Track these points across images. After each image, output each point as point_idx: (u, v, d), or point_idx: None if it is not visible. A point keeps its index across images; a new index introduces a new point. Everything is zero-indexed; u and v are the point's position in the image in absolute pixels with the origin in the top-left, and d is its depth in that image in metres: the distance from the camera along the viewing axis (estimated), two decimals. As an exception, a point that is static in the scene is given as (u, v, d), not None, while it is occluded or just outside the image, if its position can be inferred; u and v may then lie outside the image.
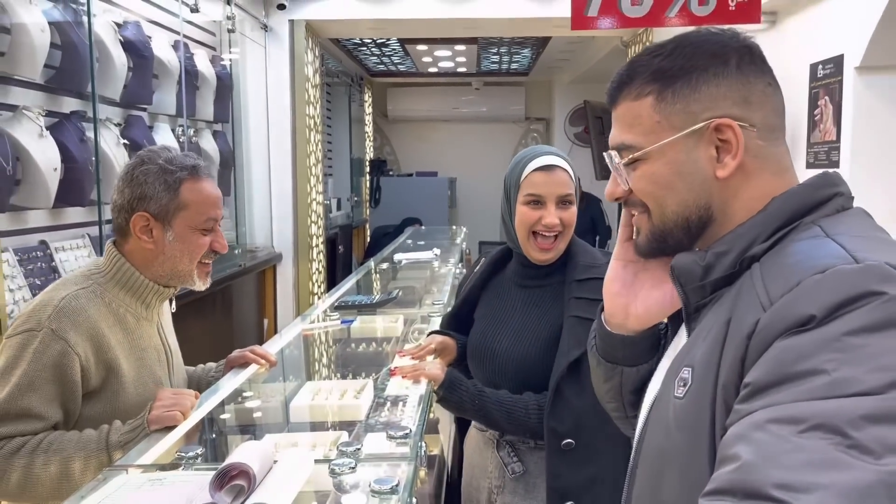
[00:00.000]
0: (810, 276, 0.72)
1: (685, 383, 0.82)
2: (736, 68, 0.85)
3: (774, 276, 0.77)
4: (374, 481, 1.06)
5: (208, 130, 4.25)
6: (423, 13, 4.62)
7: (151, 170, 1.50)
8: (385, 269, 3.97)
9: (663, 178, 0.87)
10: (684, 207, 0.87)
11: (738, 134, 0.83)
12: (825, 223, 0.81)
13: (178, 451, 1.24)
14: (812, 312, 0.69)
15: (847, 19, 3.44)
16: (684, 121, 0.85)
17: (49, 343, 1.40)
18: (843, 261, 0.73)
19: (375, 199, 8.56)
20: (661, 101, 0.86)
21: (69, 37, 2.72)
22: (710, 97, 0.85)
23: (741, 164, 0.84)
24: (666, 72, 0.86)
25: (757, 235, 0.83)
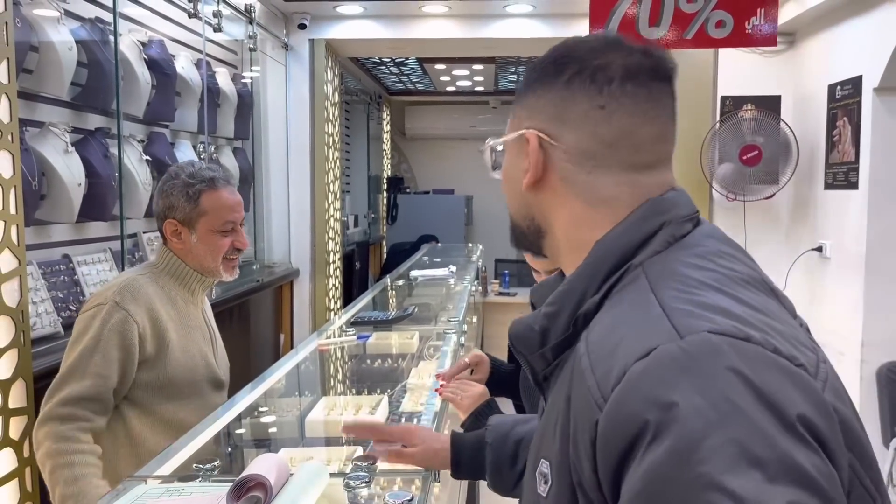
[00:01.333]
0: (634, 363, 0.65)
1: (546, 480, 0.77)
2: (565, 83, 0.80)
3: (601, 358, 0.69)
4: (389, 495, 1.07)
5: (229, 147, 4.31)
6: (441, 34, 4.67)
7: (177, 184, 1.81)
8: (401, 286, 3.98)
9: (504, 175, 0.89)
10: (514, 210, 0.88)
11: (535, 149, 0.81)
12: (651, 268, 0.74)
13: (195, 464, 1.26)
14: (645, 417, 0.62)
15: (865, 41, 3.44)
16: (514, 125, 0.86)
17: (113, 313, 1.69)
18: (666, 336, 0.66)
19: (392, 217, 8.60)
20: (516, 102, 0.87)
21: (95, 55, 2.78)
22: (532, 107, 0.83)
23: (546, 181, 0.81)
24: (523, 82, 0.86)
25: (586, 289, 0.76)
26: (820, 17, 3.79)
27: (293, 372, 2.20)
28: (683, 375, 0.62)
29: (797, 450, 0.59)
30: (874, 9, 3.34)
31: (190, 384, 1.82)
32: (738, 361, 0.63)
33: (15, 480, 1.95)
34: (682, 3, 2.62)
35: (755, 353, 0.64)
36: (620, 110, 0.78)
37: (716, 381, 0.61)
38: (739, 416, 0.60)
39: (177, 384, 1.79)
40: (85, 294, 2.72)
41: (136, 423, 1.75)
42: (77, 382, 1.65)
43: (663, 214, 0.77)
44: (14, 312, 1.96)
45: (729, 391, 0.61)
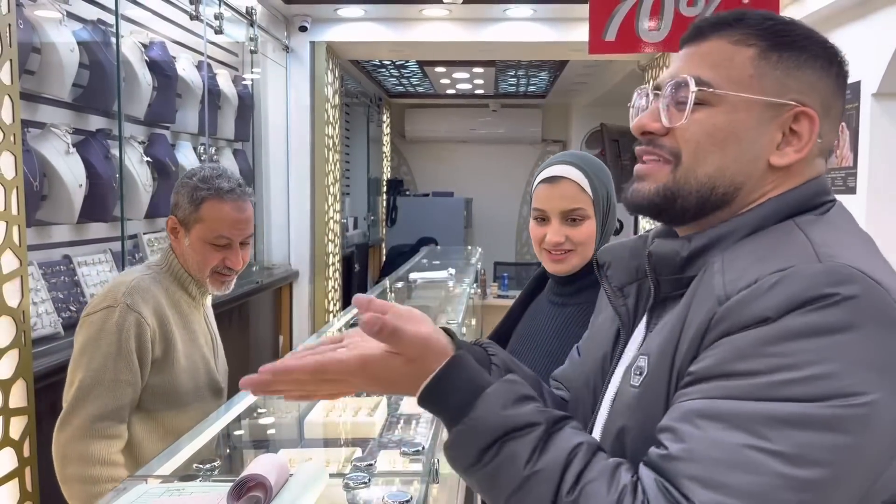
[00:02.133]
0: (769, 275, 0.70)
1: (641, 372, 0.80)
2: (836, 76, 0.82)
3: (735, 267, 0.74)
4: (388, 496, 1.08)
5: (229, 149, 4.32)
6: (441, 36, 4.69)
7: (188, 183, 1.77)
8: (400, 288, 3.99)
9: (721, 133, 0.80)
10: (720, 174, 0.80)
11: (815, 131, 0.79)
12: (805, 222, 0.78)
13: (195, 464, 1.27)
14: (767, 313, 0.68)
15: (864, 46, 3.45)
16: (775, 89, 0.79)
17: (126, 316, 1.64)
18: (806, 259, 0.71)
19: (392, 219, 8.62)
20: (763, 59, 0.80)
21: (97, 57, 2.79)
22: (808, 83, 0.80)
23: (794, 167, 0.81)
24: (781, 35, 0.81)
25: (745, 234, 0.79)
26: (819, 21, 3.80)
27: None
28: (813, 291, 0.68)
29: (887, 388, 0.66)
30: (873, 14, 3.35)
31: (192, 391, 1.78)
32: (867, 295, 0.68)
33: (15, 480, 1.96)
34: (682, 6, 2.63)
35: (882, 295, 0.69)
36: (844, 115, 0.88)
37: (840, 303, 0.67)
38: (854, 334, 0.67)
39: (180, 390, 1.75)
40: (85, 295, 2.73)
41: (138, 428, 1.70)
42: (109, 392, 1.61)
43: (828, 195, 0.83)
44: (15, 313, 1.96)
45: (850, 314, 0.67)
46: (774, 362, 0.67)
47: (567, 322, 1.54)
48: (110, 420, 1.61)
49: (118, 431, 1.62)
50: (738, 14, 0.85)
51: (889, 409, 0.67)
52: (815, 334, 0.67)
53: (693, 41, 0.85)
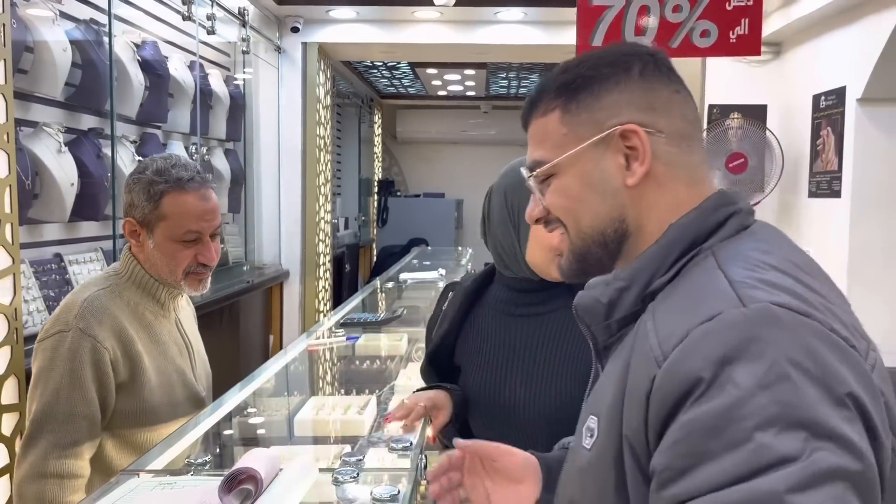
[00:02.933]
0: (698, 325, 0.70)
1: (592, 434, 0.81)
2: (639, 75, 0.84)
3: (666, 321, 0.74)
4: (376, 490, 1.10)
5: (220, 149, 4.33)
6: (433, 38, 4.71)
7: (142, 179, 1.58)
8: (391, 289, 4.01)
9: (575, 191, 0.85)
10: (599, 220, 0.84)
11: (644, 139, 0.81)
12: (720, 250, 0.78)
13: (186, 459, 1.29)
14: (700, 373, 0.67)
15: (849, 52, 3.50)
16: (590, 130, 0.83)
17: (79, 341, 1.48)
18: (730, 303, 0.70)
19: (383, 219, 8.63)
20: (567, 112, 0.85)
21: (89, 56, 2.80)
22: (613, 104, 0.83)
23: (652, 171, 0.82)
24: (569, 84, 0.85)
25: (657, 268, 0.80)
26: (805, 28, 3.86)
27: (282, 372, 2.22)
28: (742, 339, 0.67)
29: (843, 422, 0.64)
30: (858, 21, 3.40)
31: (168, 408, 1.63)
32: (796, 333, 0.67)
33: (6, 476, 1.97)
34: (667, 12, 2.67)
35: (813, 327, 0.68)
36: (686, 93, 0.86)
37: (772, 348, 0.66)
38: (790, 383, 0.64)
39: (154, 410, 1.59)
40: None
41: (114, 454, 1.57)
42: (62, 427, 1.47)
43: (732, 205, 0.82)
44: (7, 310, 1.98)
45: (783, 359, 0.65)
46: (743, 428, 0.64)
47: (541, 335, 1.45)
48: (65, 457, 1.47)
49: (74, 469, 1.48)
50: (537, 88, 0.90)
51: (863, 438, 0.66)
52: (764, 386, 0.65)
53: (525, 128, 0.92)
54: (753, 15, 2.64)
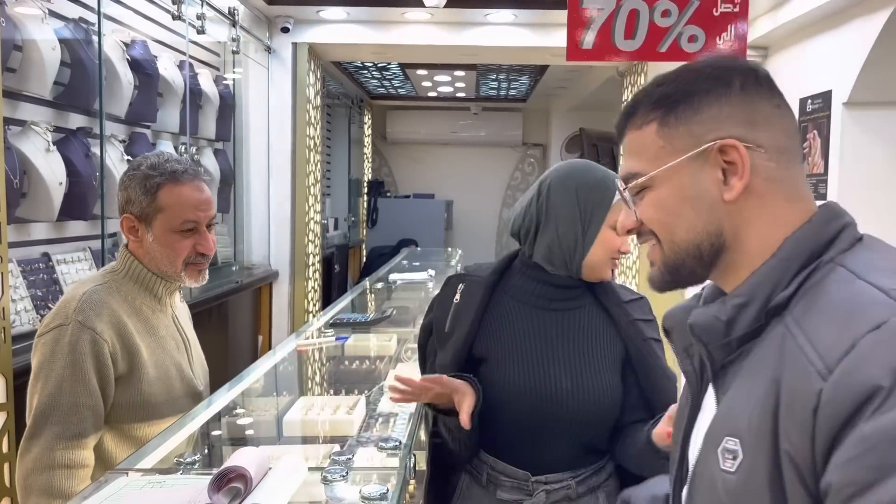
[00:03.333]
0: (866, 335, 0.68)
1: (734, 456, 0.77)
2: (740, 89, 0.84)
3: (820, 332, 0.73)
4: (364, 489, 1.11)
5: (210, 148, 4.32)
6: (423, 40, 4.72)
7: (136, 175, 1.62)
8: (380, 289, 4.02)
9: (670, 204, 0.85)
10: (694, 234, 0.84)
11: (744, 154, 0.81)
12: (847, 261, 0.78)
13: (175, 458, 1.29)
14: (880, 383, 0.65)
15: (835, 56, 3.54)
16: (688, 144, 0.84)
17: (79, 334, 1.51)
18: (893, 311, 0.69)
19: (372, 220, 8.64)
20: (665, 125, 0.85)
21: (78, 55, 2.79)
22: (713, 119, 0.83)
23: (751, 186, 0.82)
24: (668, 97, 0.85)
25: (777, 282, 0.79)
26: (792, 32, 3.89)
27: (271, 372, 2.23)
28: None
29: None
30: (844, 25, 3.44)
31: (166, 401, 1.65)
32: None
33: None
34: (656, 17, 2.70)
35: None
36: (785, 107, 0.85)
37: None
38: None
39: (153, 403, 1.62)
40: (64, 292, 2.73)
41: (112, 447, 1.59)
42: (67, 418, 1.50)
43: (842, 217, 0.83)
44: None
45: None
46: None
47: (575, 327, 1.53)
48: (71, 447, 1.50)
49: (81, 459, 1.51)
50: (633, 100, 0.90)
51: None
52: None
53: (620, 140, 0.92)
54: (739, 21, 2.68)
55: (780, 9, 3.80)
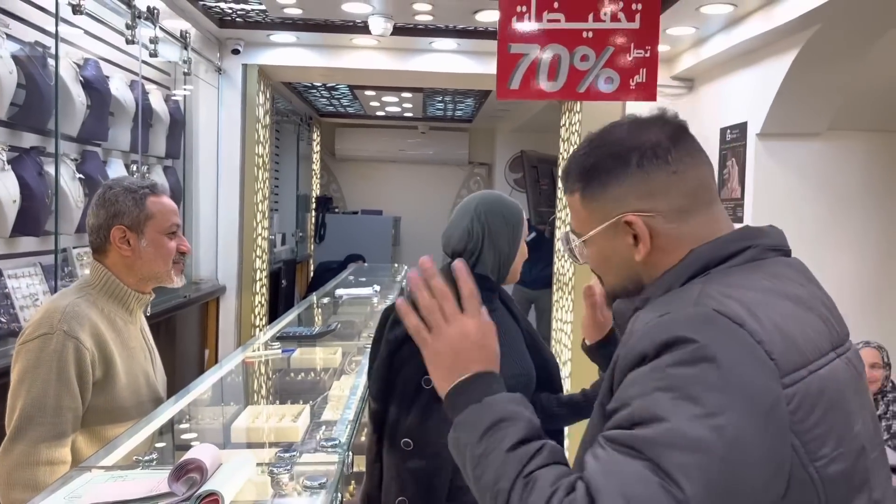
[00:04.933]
0: (657, 318, 0.89)
1: (602, 404, 0.97)
2: (636, 166, 0.98)
3: (641, 320, 0.93)
4: (306, 478, 1.26)
5: (160, 166, 4.39)
6: (371, 65, 4.89)
7: (119, 192, 1.81)
8: (326, 304, 4.13)
9: (599, 260, 1.04)
10: (620, 280, 1.03)
11: (642, 226, 0.97)
12: (720, 274, 0.93)
13: (135, 457, 1.42)
14: (646, 351, 0.86)
15: (751, 90, 3.84)
16: (601, 217, 1.01)
17: (65, 342, 1.66)
18: (686, 305, 0.88)
19: (320, 235, 8.71)
20: (584, 198, 1.02)
21: (33, 77, 2.87)
22: (615, 196, 0.99)
23: (655, 244, 0.98)
24: (585, 171, 1.02)
25: (672, 284, 0.97)
26: (713, 66, 4.20)
27: (218, 383, 2.32)
28: (678, 329, 0.85)
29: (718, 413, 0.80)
30: (758, 63, 3.74)
31: (134, 405, 1.81)
32: (721, 334, 0.84)
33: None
34: (576, 61, 2.96)
35: (740, 336, 0.84)
36: (686, 167, 0.99)
37: (694, 339, 0.83)
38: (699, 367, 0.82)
39: (123, 407, 1.77)
40: (15, 307, 2.80)
41: (83, 446, 1.71)
42: (52, 419, 1.63)
43: (750, 240, 0.97)
44: (-48, 323, 2.05)
45: (699, 351, 0.83)
46: (657, 387, 0.83)
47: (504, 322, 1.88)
48: (54, 446, 1.62)
49: (62, 456, 1.64)
50: (567, 163, 1.07)
51: (747, 425, 0.80)
52: (681, 364, 0.83)
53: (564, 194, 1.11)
54: (650, 65, 2.94)
55: (703, 45, 4.10)
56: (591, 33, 2.92)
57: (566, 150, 5.02)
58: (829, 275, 4.45)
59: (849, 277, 3.77)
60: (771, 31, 3.36)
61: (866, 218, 3.78)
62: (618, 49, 2.87)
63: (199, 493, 1.08)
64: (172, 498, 1.11)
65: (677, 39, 4.10)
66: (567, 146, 5.00)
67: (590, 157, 1.02)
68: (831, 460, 0.85)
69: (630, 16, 3.04)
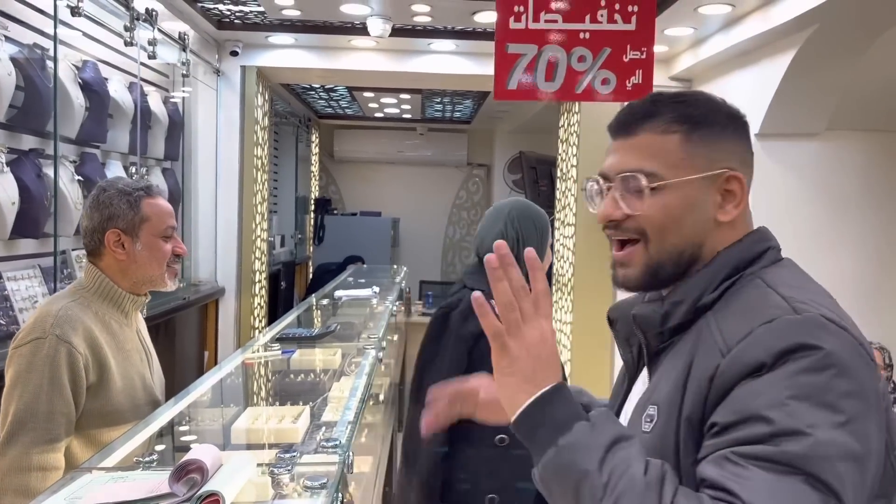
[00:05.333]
0: (760, 326, 0.86)
1: (651, 419, 0.93)
2: (742, 132, 1.02)
3: (729, 324, 0.90)
4: (307, 478, 1.26)
5: (158, 168, 4.40)
6: (369, 66, 4.90)
7: (113, 194, 1.79)
8: (326, 305, 4.13)
9: (676, 211, 0.96)
10: (682, 241, 0.97)
11: (745, 187, 0.99)
12: (765, 275, 0.94)
13: (135, 458, 1.42)
14: (763, 360, 0.83)
15: (749, 90, 3.84)
16: (705, 164, 0.97)
17: (57, 347, 1.64)
18: (786, 311, 0.87)
19: (319, 237, 8.72)
20: (688, 142, 0.97)
21: (32, 78, 2.87)
22: (726, 150, 0.99)
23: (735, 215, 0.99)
24: (693, 118, 0.99)
25: (706, 287, 0.95)
26: (712, 67, 4.20)
27: (218, 385, 2.32)
28: (798, 337, 0.84)
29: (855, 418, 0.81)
30: (756, 63, 3.75)
31: (130, 409, 1.79)
32: (837, 339, 0.85)
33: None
34: (573, 62, 2.97)
35: (849, 339, 0.86)
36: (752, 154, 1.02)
37: (819, 346, 0.83)
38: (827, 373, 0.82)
39: (119, 411, 1.76)
40: (14, 309, 2.80)
41: (79, 452, 1.70)
42: (44, 424, 1.61)
43: (769, 241, 1.00)
44: (-49, 325, 2.05)
45: (826, 358, 0.83)
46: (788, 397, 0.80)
47: None
48: (46, 451, 1.61)
49: (55, 461, 1.62)
50: (654, 105, 1.01)
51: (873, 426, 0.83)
52: (811, 371, 0.82)
53: (624, 135, 1.02)
54: (646, 67, 2.96)
55: (701, 46, 4.10)
56: (588, 34, 2.93)
57: (565, 151, 5.03)
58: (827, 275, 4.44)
59: (848, 278, 3.77)
60: (769, 31, 3.37)
61: (865, 218, 3.78)
62: (614, 50, 2.89)
63: (200, 494, 1.08)
64: (173, 498, 1.11)
65: (675, 40, 4.10)
66: (566, 147, 5.00)
67: (691, 106, 1.00)
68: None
69: (626, 17, 3.05)
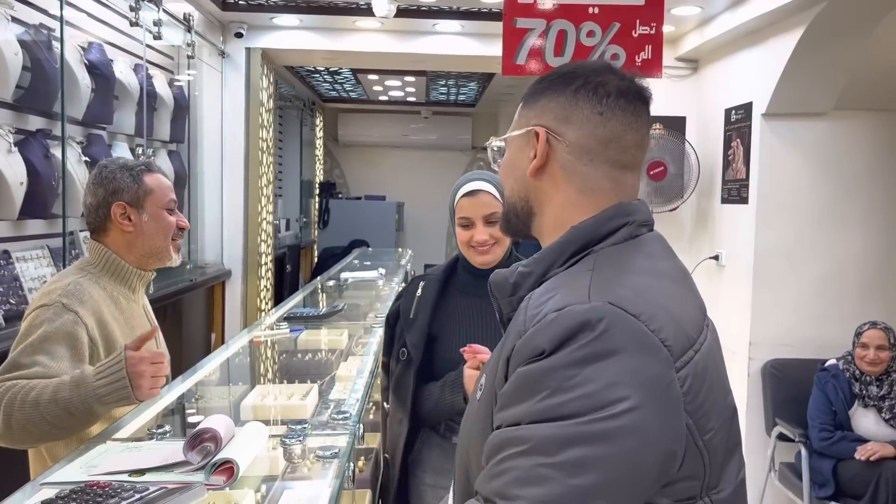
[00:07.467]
0: (549, 313, 0.87)
1: (480, 388, 0.98)
2: (573, 92, 0.99)
3: (534, 306, 0.91)
4: (319, 448, 1.28)
5: (164, 150, 4.40)
6: (374, 47, 4.88)
7: (115, 169, 1.82)
8: (331, 287, 4.15)
9: (504, 168, 1.05)
10: (512, 193, 1.03)
11: (542, 142, 0.98)
12: (602, 254, 0.94)
13: (148, 429, 1.44)
14: (543, 347, 0.85)
15: (756, 70, 3.83)
16: (522, 124, 1.03)
17: (60, 313, 1.64)
18: (578, 299, 0.87)
19: (324, 221, 8.73)
20: (523, 107, 1.04)
21: (38, 59, 2.88)
22: (540, 108, 1.01)
23: (547, 169, 0.99)
24: (536, 83, 1.04)
25: (555, 260, 0.96)
26: (718, 47, 4.18)
27: (227, 363, 2.35)
28: (575, 327, 0.84)
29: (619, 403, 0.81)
30: (763, 42, 3.73)
31: None
32: (619, 328, 0.84)
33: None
34: (582, 37, 2.95)
35: (634, 325, 0.85)
36: (614, 118, 0.98)
37: (591, 339, 0.83)
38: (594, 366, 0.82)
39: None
40: (24, 288, 2.82)
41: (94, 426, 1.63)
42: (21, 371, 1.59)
43: (626, 217, 0.97)
44: (-37, 302, 2.07)
45: (603, 345, 0.83)
46: (553, 387, 0.82)
47: (479, 311, 1.86)
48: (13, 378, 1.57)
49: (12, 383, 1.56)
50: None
51: (647, 415, 0.81)
52: (581, 363, 0.82)
53: None
54: (656, 42, 2.93)
55: (707, 25, 4.08)
56: (597, 9, 2.90)
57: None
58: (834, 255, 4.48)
59: (854, 258, 3.77)
60: (776, 9, 3.35)
61: (872, 198, 3.78)
62: (624, 25, 2.86)
63: (215, 462, 1.10)
64: (188, 466, 1.13)
65: (682, 20, 4.08)
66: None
67: (550, 74, 1.04)
68: (716, 432, 0.89)
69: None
